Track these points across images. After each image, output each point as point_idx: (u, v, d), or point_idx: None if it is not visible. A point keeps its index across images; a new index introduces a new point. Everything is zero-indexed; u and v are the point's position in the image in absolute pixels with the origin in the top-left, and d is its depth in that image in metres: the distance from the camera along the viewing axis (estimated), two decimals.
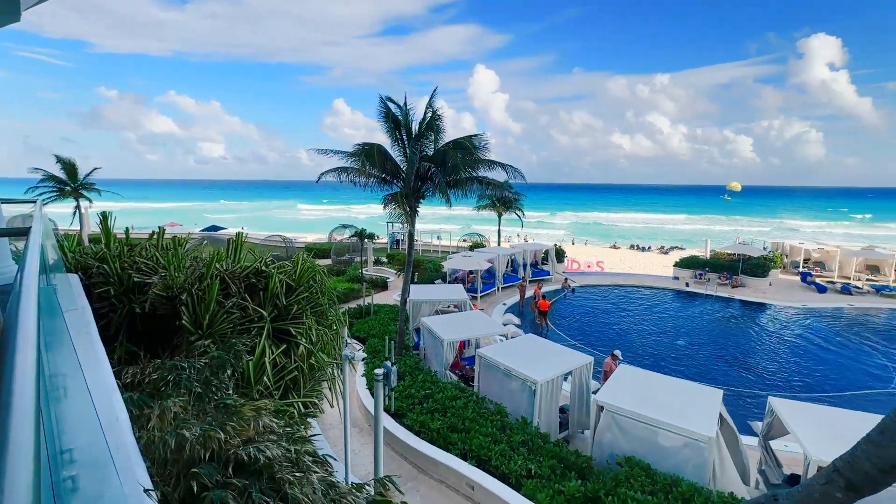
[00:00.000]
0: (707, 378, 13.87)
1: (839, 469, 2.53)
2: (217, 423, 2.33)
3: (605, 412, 8.45)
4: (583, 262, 37.16)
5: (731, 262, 26.66)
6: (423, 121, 11.00)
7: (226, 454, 2.15)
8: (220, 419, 2.45)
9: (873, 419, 7.48)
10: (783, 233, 60.09)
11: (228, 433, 2.27)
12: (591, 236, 62.74)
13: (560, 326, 19.48)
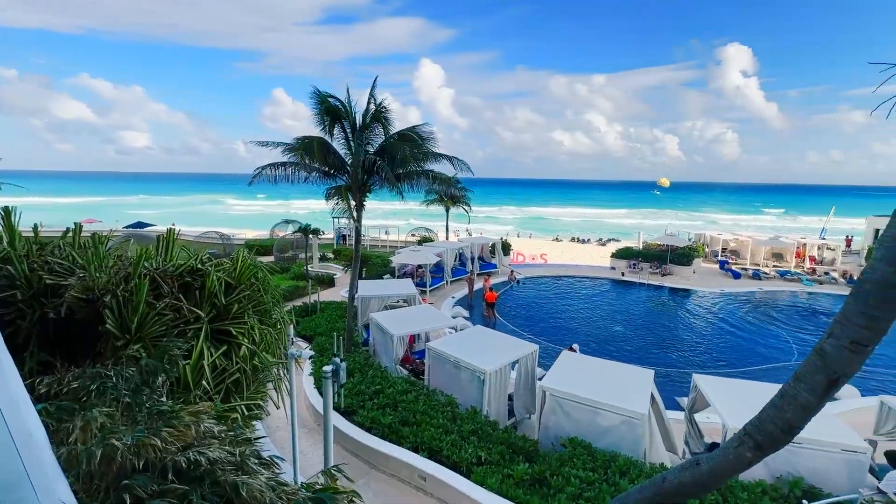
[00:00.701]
0: (641, 360, 14.93)
1: (749, 432, 2.87)
2: (152, 431, 2.19)
3: (550, 397, 8.85)
4: (528, 254, 38.44)
5: (660, 252, 28.77)
6: (366, 112, 10.76)
7: (163, 462, 2.02)
8: (154, 426, 2.30)
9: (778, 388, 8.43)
10: (705, 225, 65.71)
11: (165, 440, 2.14)
12: (535, 230, 64.96)
13: (507, 317, 20.06)
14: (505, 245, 29.79)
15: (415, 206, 31.56)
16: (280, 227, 33.82)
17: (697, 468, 3.06)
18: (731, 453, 2.92)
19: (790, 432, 2.71)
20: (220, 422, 3.31)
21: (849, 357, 2.36)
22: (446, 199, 30.71)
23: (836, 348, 2.39)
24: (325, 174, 11.93)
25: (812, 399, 2.54)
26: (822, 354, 2.47)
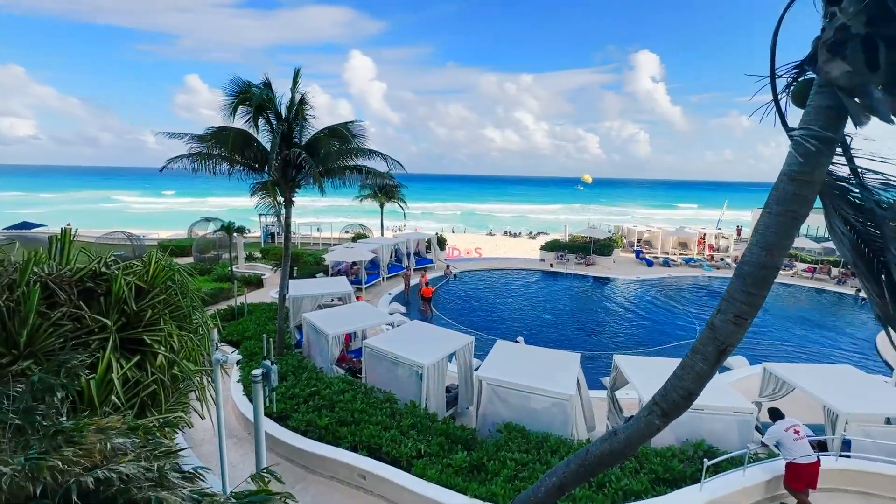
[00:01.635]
0: (569, 345, 15.91)
1: (656, 401, 3.22)
2: (50, 452, 1.96)
3: (486, 386, 9.16)
4: (463, 249, 39.14)
5: (584, 244, 30.75)
6: (291, 104, 10.26)
7: (65, 484, 1.83)
8: (52, 447, 2.06)
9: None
10: (622, 218, 71.20)
11: (69, 460, 1.93)
12: (469, 225, 66.25)
13: (444, 311, 20.33)
14: (440, 240, 30.10)
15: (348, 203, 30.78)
16: (199, 225, 31.33)
17: (615, 438, 3.37)
18: (643, 421, 3.26)
19: (689, 398, 3.08)
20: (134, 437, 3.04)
21: (734, 329, 2.74)
22: (380, 195, 30.32)
23: (724, 322, 2.76)
24: (251, 168, 11.24)
25: (706, 367, 2.92)
26: (712, 328, 2.84)
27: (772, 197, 2.55)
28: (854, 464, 7.55)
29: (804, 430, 6.97)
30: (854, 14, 2.05)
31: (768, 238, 2.55)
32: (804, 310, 22.65)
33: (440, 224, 62.37)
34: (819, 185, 2.43)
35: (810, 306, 23.34)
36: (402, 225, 42.22)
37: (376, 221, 32.58)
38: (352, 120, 10.98)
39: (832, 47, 2.23)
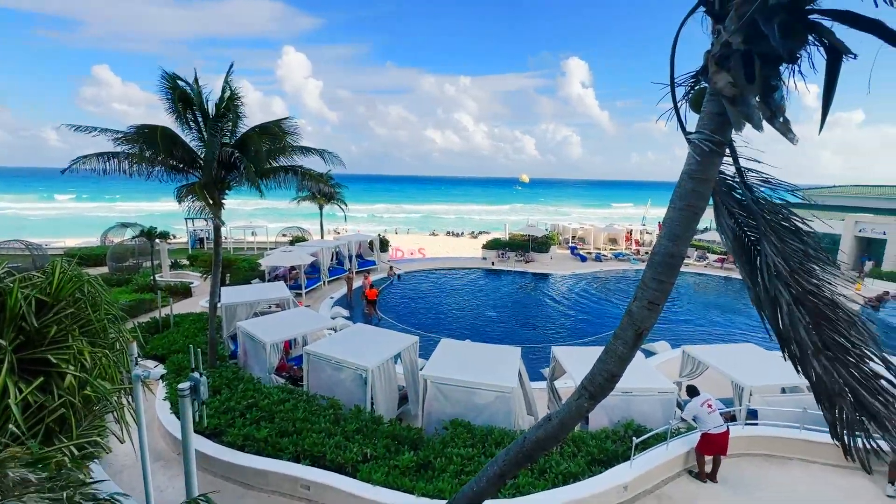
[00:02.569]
0: (511, 339, 16.43)
1: (585, 386, 3.46)
2: None
3: (431, 384, 9.23)
4: (406, 249, 39.00)
5: (524, 242, 31.91)
6: (221, 100, 9.67)
7: None
8: None
9: None
10: (558, 216, 74.67)
11: None
12: (412, 225, 66.15)
13: (389, 313, 20.16)
14: (383, 241, 29.80)
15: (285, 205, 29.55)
16: (115, 231, 28.48)
17: (549, 423, 3.57)
18: (574, 405, 3.49)
19: (612, 380, 3.34)
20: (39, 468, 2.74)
21: (648, 314, 3.02)
22: (319, 197, 29.39)
23: (639, 308, 3.03)
24: (174, 169, 10.44)
25: (625, 350, 3.18)
26: (630, 314, 3.11)
27: (675, 194, 2.85)
28: (758, 430, 8.53)
29: (716, 404, 7.77)
30: (734, 32, 2.35)
31: (673, 230, 2.85)
32: (715, 296, 25.14)
33: (383, 225, 61.72)
34: (713, 182, 2.76)
35: (720, 293, 25.94)
36: (343, 227, 41.23)
37: (316, 224, 31.53)
38: (285, 117, 10.51)
39: (719, 60, 2.53)
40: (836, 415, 2.51)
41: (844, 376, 2.47)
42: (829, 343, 2.48)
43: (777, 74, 2.50)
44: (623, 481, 7.01)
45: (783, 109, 2.55)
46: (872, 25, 2.10)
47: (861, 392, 2.37)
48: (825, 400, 2.65)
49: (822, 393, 2.53)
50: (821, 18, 2.40)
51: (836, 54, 2.38)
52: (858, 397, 2.39)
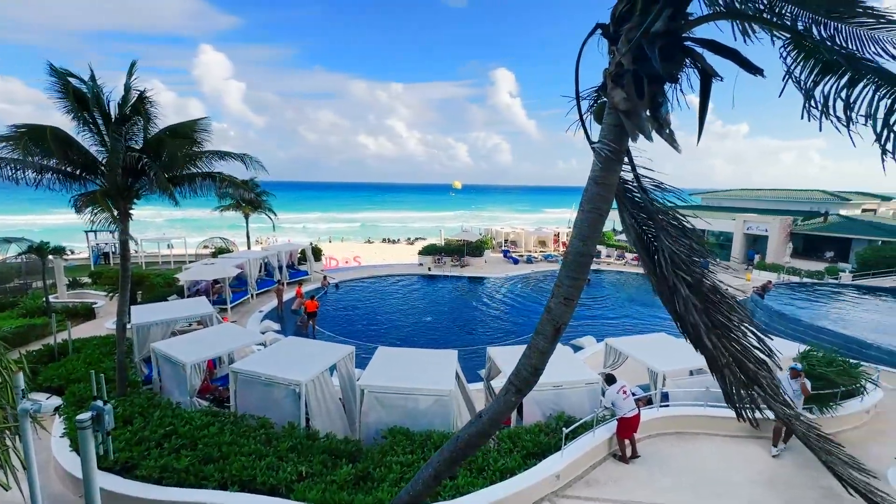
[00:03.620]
0: (448, 343, 16.62)
1: (511, 381, 3.64)
2: None
3: (368, 394, 9.07)
4: (341, 258, 38.08)
5: (459, 246, 32.50)
6: (126, 100, 8.82)
7: None
8: None
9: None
10: (492, 221, 76.95)
11: None
12: (347, 233, 64.70)
13: (325, 324, 19.51)
14: (316, 250, 28.79)
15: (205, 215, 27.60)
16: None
17: (480, 420, 3.70)
18: (501, 400, 3.65)
19: (536, 374, 3.54)
20: None
21: (564, 310, 3.26)
22: (244, 205, 27.78)
23: (556, 304, 3.27)
24: (70, 176, 9.33)
25: (546, 344, 3.40)
26: (548, 310, 3.34)
27: (583, 198, 3.12)
28: (670, 411, 9.41)
29: (630, 390, 8.47)
30: (624, 53, 2.64)
31: (583, 231, 3.11)
32: (635, 291, 27.34)
33: (316, 234, 59.67)
34: (615, 187, 3.06)
35: (639, 288, 28.28)
36: (271, 236, 39.23)
37: (242, 234, 29.72)
38: (200, 118, 9.80)
39: (614, 78, 2.82)
40: (727, 384, 2.88)
41: (731, 350, 2.85)
42: (716, 322, 2.85)
43: (662, 92, 2.84)
44: (555, 471, 7.38)
45: (669, 122, 2.90)
46: (731, 53, 2.47)
47: (744, 363, 2.76)
48: (717, 372, 3.03)
49: (714, 367, 2.90)
50: (694, 45, 2.77)
51: (707, 76, 2.76)
52: (742, 367, 2.77)
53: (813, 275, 26.57)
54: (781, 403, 2.76)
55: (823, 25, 3.34)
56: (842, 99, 2.93)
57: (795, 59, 3.02)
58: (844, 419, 9.47)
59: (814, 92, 2.99)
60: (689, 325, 2.78)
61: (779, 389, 2.87)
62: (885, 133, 2.84)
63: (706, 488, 7.53)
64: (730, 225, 34.49)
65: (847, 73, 2.93)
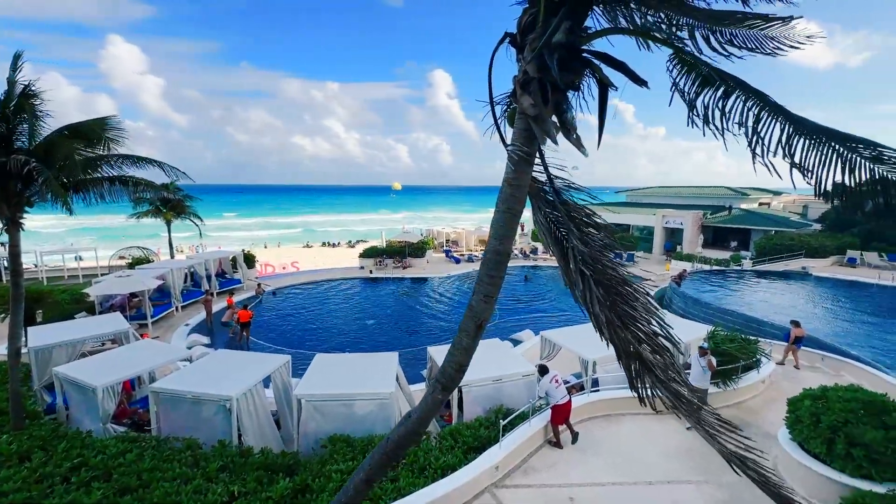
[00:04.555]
0: (391, 346, 16.49)
1: (437, 379, 3.72)
2: None
3: (306, 403, 8.79)
4: (278, 264, 36.47)
5: (401, 248, 32.36)
6: (10, 95, 7.79)
7: None
8: None
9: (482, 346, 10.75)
10: (435, 221, 77.36)
11: None
12: (286, 238, 62.05)
13: (261, 334, 18.56)
14: (248, 257, 27.29)
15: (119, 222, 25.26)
16: None
17: (409, 419, 3.74)
18: (429, 399, 3.71)
19: (461, 370, 3.65)
20: None
21: (485, 306, 3.39)
22: (165, 211, 25.69)
23: (477, 301, 3.39)
24: None
25: (468, 341, 3.52)
26: (471, 307, 3.45)
27: (498, 198, 3.26)
28: (598, 396, 10.05)
29: (562, 378, 8.94)
30: (528, 62, 2.81)
31: (498, 230, 3.26)
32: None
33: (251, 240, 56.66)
34: (527, 187, 3.23)
35: None
36: (200, 244, 36.61)
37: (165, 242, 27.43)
38: (107, 115, 8.92)
39: (522, 85, 2.98)
40: (630, 370, 3.14)
41: (635, 338, 3.11)
42: (622, 313, 3.09)
43: (566, 99, 3.05)
44: (494, 462, 7.60)
45: (575, 127, 3.12)
46: (620, 66, 2.71)
47: (645, 350, 3.03)
48: (623, 359, 3.29)
49: (619, 354, 3.15)
50: (591, 57, 3.00)
51: (604, 86, 3.00)
52: (643, 355, 3.04)
53: (720, 262, 29.55)
54: (679, 386, 3.06)
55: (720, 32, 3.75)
56: (718, 109, 3.31)
57: (680, 73, 3.37)
58: (744, 390, 10.66)
59: (696, 102, 3.34)
60: (597, 316, 3.00)
61: (679, 374, 3.19)
62: (754, 139, 3.25)
63: (630, 464, 8.14)
64: (651, 220, 37.40)
65: (722, 87, 3.32)
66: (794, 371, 12.65)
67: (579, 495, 7.35)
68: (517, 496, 7.36)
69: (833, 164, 2.98)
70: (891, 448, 6.50)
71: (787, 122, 3.13)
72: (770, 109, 3.15)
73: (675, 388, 3.00)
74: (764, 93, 3.25)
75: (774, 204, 48.24)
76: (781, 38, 3.71)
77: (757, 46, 3.67)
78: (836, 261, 29.98)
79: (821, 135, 3.07)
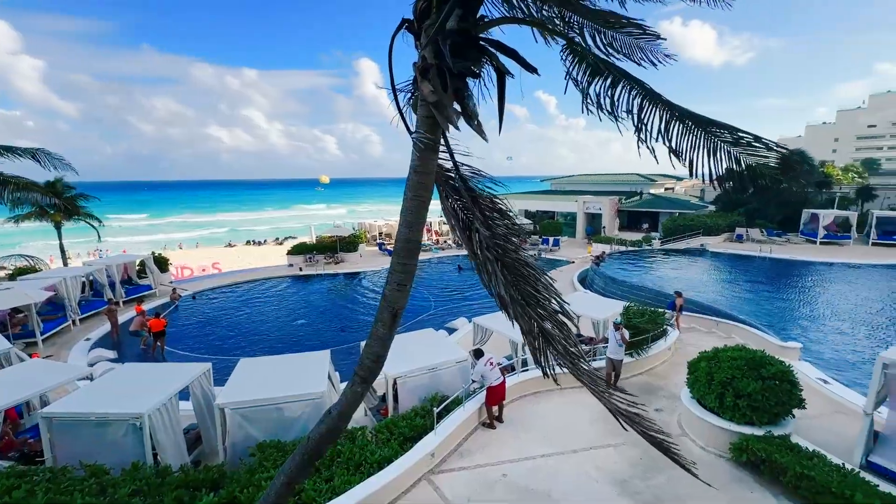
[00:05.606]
0: (325, 344, 15.99)
1: (356, 371, 3.67)
2: None
3: (230, 412, 8.29)
4: (196, 266, 33.84)
5: (332, 243, 31.36)
6: None
7: None
8: None
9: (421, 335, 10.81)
10: (369, 215, 75.94)
11: None
12: (202, 239, 57.61)
13: (179, 343, 17.10)
14: (160, 260, 24.92)
15: None
16: None
17: (329, 416, 3.66)
18: (348, 393, 3.66)
19: (379, 361, 3.63)
20: None
21: (399, 295, 3.39)
22: (53, 212, 22.61)
23: (391, 290, 3.38)
24: None
25: (384, 331, 3.50)
26: (384, 297, 3.44)
27: (406, 186, 3.26)
28: (526, 375, 10.54)
29: (496, 361, 9.26)
30: (424, 48, 2.81)
31: (408, 218, 3.26)
32: None
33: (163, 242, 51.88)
34: (433, 175, 3.26)
35: None
36: (98, 248, 32.78)
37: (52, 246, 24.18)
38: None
39: (421, 72, 2.98)
40: (534, 346, 3.32)
41: (538, 316, 3.28)
42: (526, 294, 3.24)
43: (466, 86, 3.10)
44: (430, 449, 7.71)
45: (477, 114, 3.18)
46: (511, 53, 2.81)
47: (546, 327, 3.20)
48: (527, 336, 3.45)
49: (524, 332, 3.31)
50: (487, 45, 3.07)
51: (501, 73, 3.09)
52: (546, 331, 3.22)
53: (635, 243, 32.17)
54: (574, 357, 3.29)
55: (603, 34, 4.02)
56: (609, 97, 3.54)
57: (572, 62, 3.56)
58: (654, 357, 11.78)
59: (589, 91, 3.56)
60: (502, 297, 3.13)
61: (577, 346, 3.42)
62: (640, 126, 3.52)
63: (558, 436, 8.68)
64: (573, 206, 39.70)
65: (610, 77, 3.55)
66: (695, 337, 14.19)
67: (511, 471, 7.69)
68: (453, 480, 7.54)
69: (701, 148, 3.33)
70: (765, 396, 7.55)
71: (664, 110, 3.44)
72: (650, 98, 3.44)
73: (574, 359, 3.22)
74: (645, 82, 3.54)
75: (678, 188, 53.37)
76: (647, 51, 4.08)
77: (629, 54, 4.00)
78: (728, 237, 33.96)
79: (691, 121, 3.42)
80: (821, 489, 6.35)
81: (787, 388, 7.72)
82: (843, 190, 38.62)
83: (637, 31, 4.02)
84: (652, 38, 4.14)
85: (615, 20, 3.86)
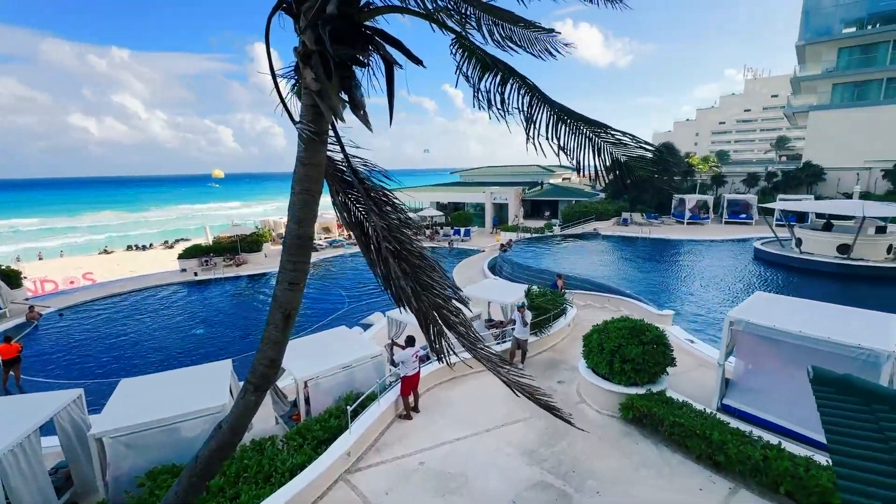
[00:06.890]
0: (226, 354, 14.75)
1: (248, 379, 3.44)
2: None
3: (110, 442, 7.26)
4: (62, 279, 28.98)
5: (231, 243, 28.84)
6: None
7: None
8: None
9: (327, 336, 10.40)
10: (273, 211, 71.09)
11: None
12: (67, 246, 49.55)
13: (40, 370, 14.53)
14: (9, 274, 20.87)
15: None
16: None
17: (220, 430, 3.38)
18: (241, 403, 3.41)
19: (273, 365, 3.44)
20: None
21: (291, 295, 3.22)
22: None
23: (282, 291, 3.20)
24: None
25: (277, 334, 3.32)
26: (275, 298, 3.25)
27: (293, 179, 3.09)
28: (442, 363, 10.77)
29: (421, 354, 9.33)
30: (302, 32, 2.67)
31: (297, 213, 3.11)
32: None
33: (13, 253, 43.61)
34: (322, 167, 3.14)
35: None
36: None
37: None
38: None
39: (304, 58, 2.83)
40: (430, 333, 3.38)
41: (434, 304, 3.34)
42: (422, 283, 3.28)
43: (352, 74, 3.01)
44: (345, 449, 7.53)
45: (364, 104, 3.10)
46: (396, 43, 2.79)
47: (444, 314, 3.28)
48: (423, 324, 3.51)
49: (421, 321, 3.36)
50: (373, 34, 3.00)
51: (389, 63, 3.05)
52: (443, 318, 3.29)
53: (538, 230, 34.43)
54: (472, 341, 3.43)
55: (501, 26, 4.14)
56: (499, 94, 3.68)
57: (462, 57, 3.64)
58: (555, 335, 12.78)
59: (480, 86, 3.66)
60: (398, 288, 3.13)
61: (472, 327, 3.56)
62: (529, 123, 3.71)
63: (471, 418, 9.03)
64: (482, 197, 41.19)
65: (499, 73, 3.69)
66: (590, 313, 15.67)
67: (428, 458, 7.84)
68: (371, 476, 7.47)
69: (587, 147, 3.62)
70: (645, 359, 8.62)
71: (552, 111, 3.67)
72: (539, 98, 3.65)
73: (471, 340, 3.35)
74: (534, 83, 3.74)
75: (574, 178, 58.09)
76: (546, 43, 4.34)
77: (527, 46, 4.20)
78: (616, 221, 37.95)
79: (579, 122, 3.70)
80: (689, 433, 7.47)
81: (662, 350, 8.88)
82: (702, 178, 45.16)
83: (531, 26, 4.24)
84: (547, 32, 4.39)
85: (509, 17, 4.03)
